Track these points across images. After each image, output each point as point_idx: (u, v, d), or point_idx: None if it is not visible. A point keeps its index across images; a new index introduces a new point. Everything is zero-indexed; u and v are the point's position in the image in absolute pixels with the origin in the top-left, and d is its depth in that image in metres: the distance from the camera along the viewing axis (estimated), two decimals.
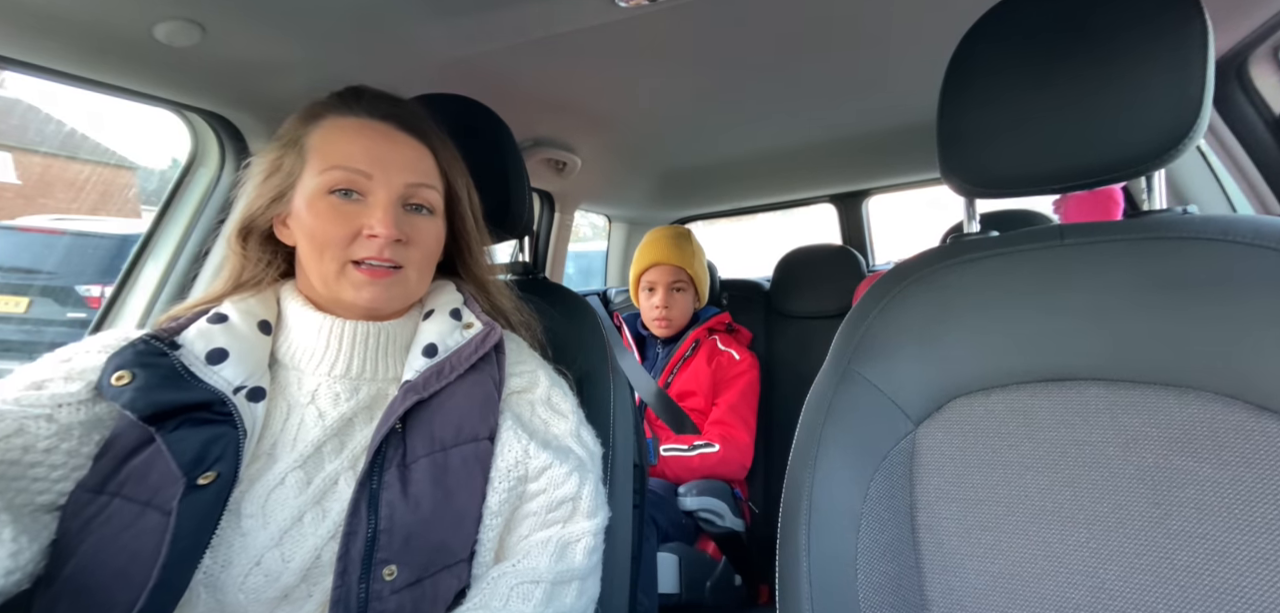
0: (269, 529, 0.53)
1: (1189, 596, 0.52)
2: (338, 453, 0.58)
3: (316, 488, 0.55)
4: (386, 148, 0.61)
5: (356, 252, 0.59)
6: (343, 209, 0.59)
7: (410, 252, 0.62)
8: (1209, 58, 0.54)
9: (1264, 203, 1.07)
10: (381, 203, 0.59)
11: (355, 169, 0.59)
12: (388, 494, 0.55)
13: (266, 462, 0.56)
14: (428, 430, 0.59)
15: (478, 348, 0.64)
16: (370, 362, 0.63)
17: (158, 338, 0.56)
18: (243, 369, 0.57)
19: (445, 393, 0.61)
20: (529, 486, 0.62)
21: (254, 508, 0.53)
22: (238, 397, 0.55)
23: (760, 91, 1.26)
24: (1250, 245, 0.53)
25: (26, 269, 2.90)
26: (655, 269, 1.59)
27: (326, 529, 0.54)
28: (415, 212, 0.63)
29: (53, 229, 3.08)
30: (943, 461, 0.62)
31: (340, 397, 0.60)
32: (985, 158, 0.63)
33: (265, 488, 0.54)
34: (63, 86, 0.81)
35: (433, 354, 0.63)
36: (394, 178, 0.60)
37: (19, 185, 3.95)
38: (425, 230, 0.63)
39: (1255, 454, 0.51)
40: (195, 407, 0.52)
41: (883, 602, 0.60)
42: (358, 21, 0.82)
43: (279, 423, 0.59)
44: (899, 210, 2.34)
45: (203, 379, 0.54)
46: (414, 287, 0.64)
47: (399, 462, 0.57)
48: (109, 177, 4.22)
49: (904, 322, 0.65)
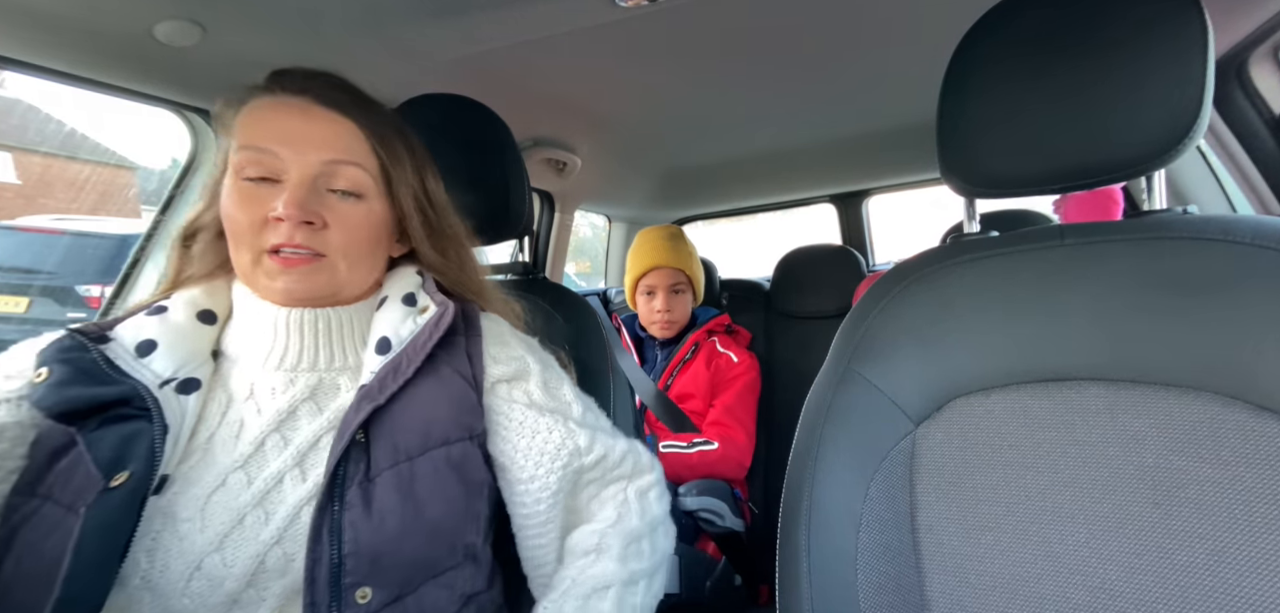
0: (207, 533, 0.49)
1: (1189, 596, 0.52)
2: (281, 449, 0.54)
3: (258, 488, 0.52)
4: (299, 124, 0.56)
5: (268, 239, 0.54)
6: (252, 194, 0.54)
7: (330, 237, 0.56)
8: (1209, 58, 0.54)
9: (1264, 203, 1.07)
10: (291, 184, 0.54)
11: (263, 148, 0.54)
12: (350, 515, 0.51)
13: (204, 460, 0.52)
14: (390, 440, 0.54)
15: (432, 333, 0.58)
16: (308, 352, 0.58)
17: (82, 332, 0.52)
18: (173, 360, 0.53)
19: (406, 394, 0.56)
20: (585, 459, 0.61)
21: (191, 511, 0.50)
22: (166, 390, 0.51)
23: (760, 91, 1.26)
24: (1250, 245, 0.53)
25: (26, 269, 2.90)
26: (654, 272, 1.59)
27: (270, 532, 0.50)
28: (341, 196, 0.57)
29: (53, 229, 3.08)
30: (943, 461, 0.62)
31: (276, 390, 0.56)
32: (985, 158, 0.63)
33: (204, 489, 0.51)
34: (63, 86, 0.81)
35: (386, 350, 0.58)
36: (308, 156, 0.55)
37: (19, 185, 3.95)
38: (349, 215, 0.57)
39: (1255, 454, 0.51)
40: (113, 403, 0.49)
41: (883, 602, 0.60)
42: (358, 22, 0.82)
43: (217, 418, 0.55)
44: (899, 210, 2.34)
45: (127, 373, 0.51)
46: (345, 276, 0.58)
47: (362, 477, 0.52)
48: (109, 177, 4.22)
49: (904, 322, 0.65)
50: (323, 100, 0.57)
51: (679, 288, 1.59)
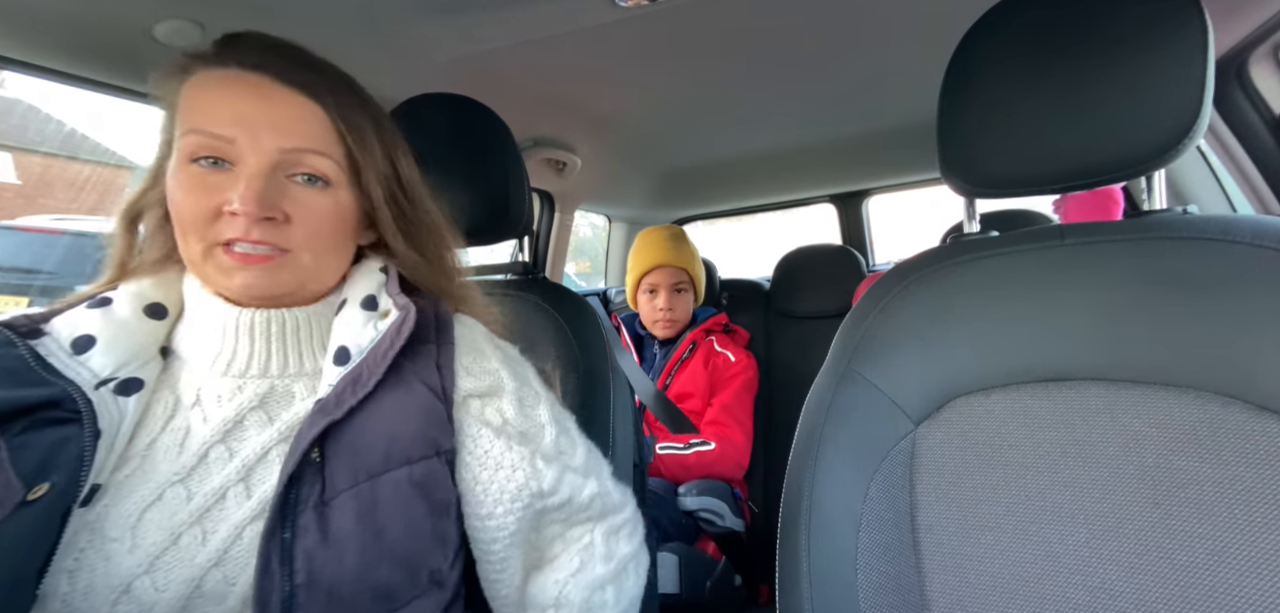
0: (138, 553, 0.44)
1: (1189, 596, 0.52)
2: (226, 462, 0.49)
3: (197, 505, 0.47)
4: (257, 105, 0.50)
5: (222, 232, 0.48)
6: (205, 180, 0.48)
7: (293, 231, 0.50)
8: (1209, 58, 0.54)
9: (1264, 203, 1.07)
10: (246, 173, 0.48)
11: (215, 133, 0.48)
12: (304, 542, 0.45)
13: (141, 469, 0.48)
14: (349, 458, 0.49)
15: (393, 341, 0.53)
16: (258, 356, 0.52)
17: (10, 326, 0.47)
18: (113, 358, 0.48)
19: (367, 408, 0.50)
20: (549, 501, 0.57)
21: (121, 528, 0.45)
22: (102, 391, 0.46)
23: (760, 91, 1.26)
24: (1250, 245, 0.53)
25: (26, 269, 2.90)
26: (657, 271, 1.59)
27: (208, 554, 0.45)
28: (305, 182, 0.51)
29: (53, 229, 3.08)
30: (943, 460, 0.62)
31: (222, 397, 0.51)
32: (985, 158, 0.63)
33: (138, 504, 0.46)
34: (63, 86, 0.81)
35: (345, 360, 0.52)
36: (265, 142, 0.49)
37: (19, 185, 3.95)
38: (313, 205, 0.51)
39: (1255, 454, 0.51)
40: (40, 406, 0.44)
41: (883, 602, 0.60)
42: (357, 21, 0.82)
43: (161, 422, 0.49)
44: (899, 210, 2.34)
45: (58, 372, 0.46)
46: (311, 271, 0.53)
47: (317, 500, 0.47)
48: (109, 177, 4.22)
49: (904, 322, 0.65)
50: (282, 77, 0.51)
51: (681, 287, 1.59)
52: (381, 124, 0.57)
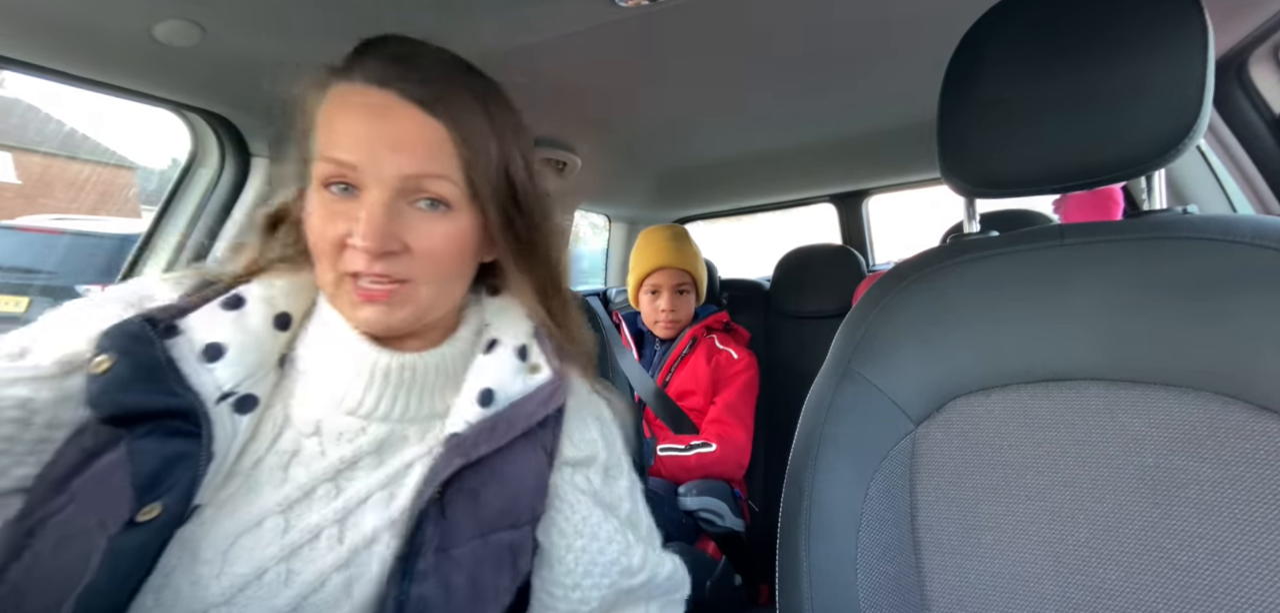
0: (223, 582, 0.43)
1: (1189, 596, 0.52)
2: (330, 500, 0.47)
3: (291, 541, 0.45)
4: (380, 128, 0.47)
5: (347, 263, 0.48)
6: (334, 208, 0.48)
7: (414, 262, 0.49)
8: (1209, 58, 0.54)
9: (1264, 203, 1.07)
10: (368, 203, 0.47)
11: (340, 159, 0.47)
12: (421, 588, 0.44)
13: (244, 489, 0.46)
14: (473, 506, 0.48)
15: (541, 406, 0.52)
16: (386, 400, 0.51)
17: (152, 321, 0.46)
18: (237, 371, 0.47)
19: (498, 458, 0.49)
20: (633, 580, 0.56)
21: (213, 552, 0.43)
22: (222, 407, 0.45)
23: (760, 91, 1.25)
24: (1251, 245, 0.53)
25: (26, 269, 2.90)
26: (659, 272, 1.59)
27: (288, 598, 0.44)
28: (427, 207, 0.49)
29: (53, 229, 3.08)
30: (943, 461, 0.62)
31: (344, 436, 0.50)
32: (985, 158, 0.63)
33: (236, 528, 0.44)
34: (63, 86, 0.81)
35: (489, 402, 0.51)
36: (386, 169, 0.47)
37: (19, 185, 3.95)
38: (434, 233, 0.49)
39: (1255, 454, 0.51)
40: (166, 414, 0.43)
41: (883, 602, 0.60)
42: (358, 22, 0.82)
43: (269, 441, 0.48)
44: (899, 210, 2.34)
45: (186, 381, 0.44)
46: (431, 302, 0.51)
47: (438, 545, 0.46)
48: (109, 177, 4.22)
49: (904, 322, 0.65)
50: (408, 94, 0.48)
51: (683, 288, 1.59)
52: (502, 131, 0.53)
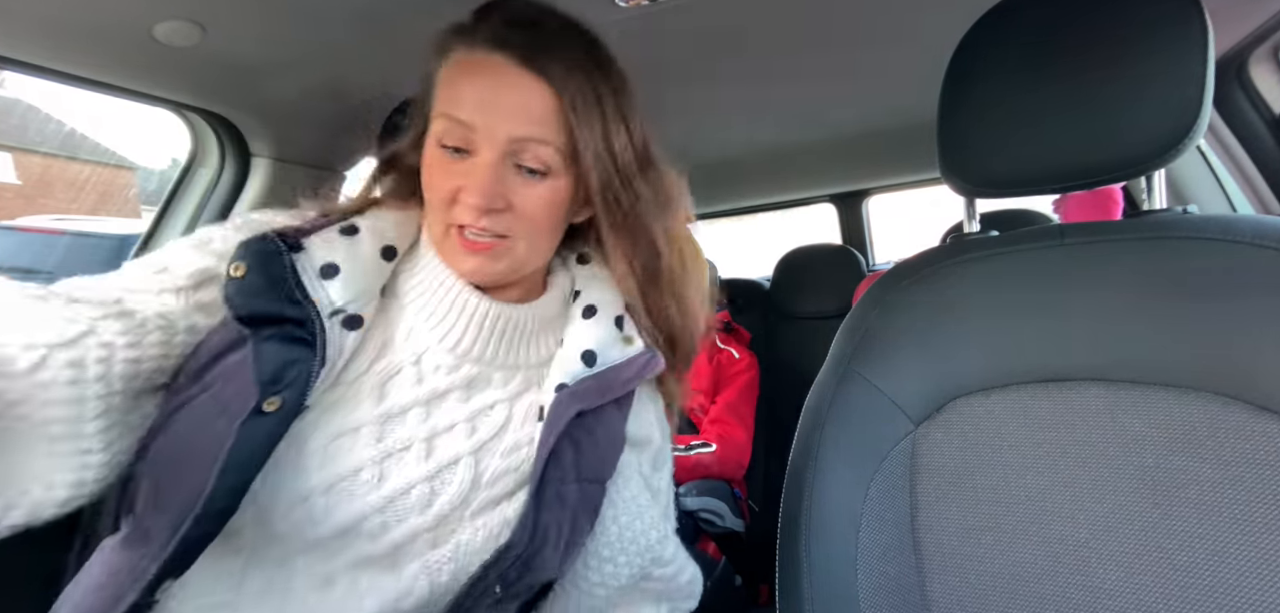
0: (325, 471, 0.48)
1: (1189, 596, 0.52)
2: (420, 422, 0.52)
3: (383, 447, 0.50)
4: (495, 91, 0.51)
5: (456, 216, 0.52)
6: (449, 166, 0.52)
7: (514, 221, 0.53)
8: (1209, 58, 0.54)
9: (1264, 203, 1.07)
10: (479, 165, 0.51)
11: (458, 119, 0.51)
12: (545, 517, 0.49)
13: (346, 397, 0.51)
14: (577, 454, 0.52)
15: (638, 372, 0.56)
16: (481, 343, 0.56)
17: (281, 236, 0.51)
18: (347, 291, 0.52)
19: (596, 415, 0.54)
20: (663, 570, 0.57)
21: (317, 446, 0.49)
22: (334, 321, 0.50)
23: (760, 91, 1.25)
24: (1251, 245, 0.53)
25: (26, 269, 2.90)
26: None
27: (377, 498, 0.49)
28: (528, 174, 0.53)
29: (53, 229, 3.08)
30: (943, 461, 0.62)
31: (441, 367, 0.54)
32: (985, 158, 0.63)
33: (336, 428, 0.50)
34: (63, 86, 0.81)
35: (592, 363, 0.55)
36: (498, 130, 0.51)
37: (19, 185, 3.95)
38: (531, 195, 0.53)
39: (1255, 454, 0.51)
40: (288, 320, 0.48)
41: (883, 602, 0.60)
42: (358, 22, 0.82)
43: (369, 359, 0.53)
44: (899, 210, 2.34)
45: (307, 292, 0.50)
46: (525, 257, 0.55)
47: (559, 479, 0.51)
48: (109, 177, 4.22)
49: (904, 322, 0.65)
50: (519, 58, 0.52)
51: None
52: (607, 99, 0.56)
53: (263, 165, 1.04)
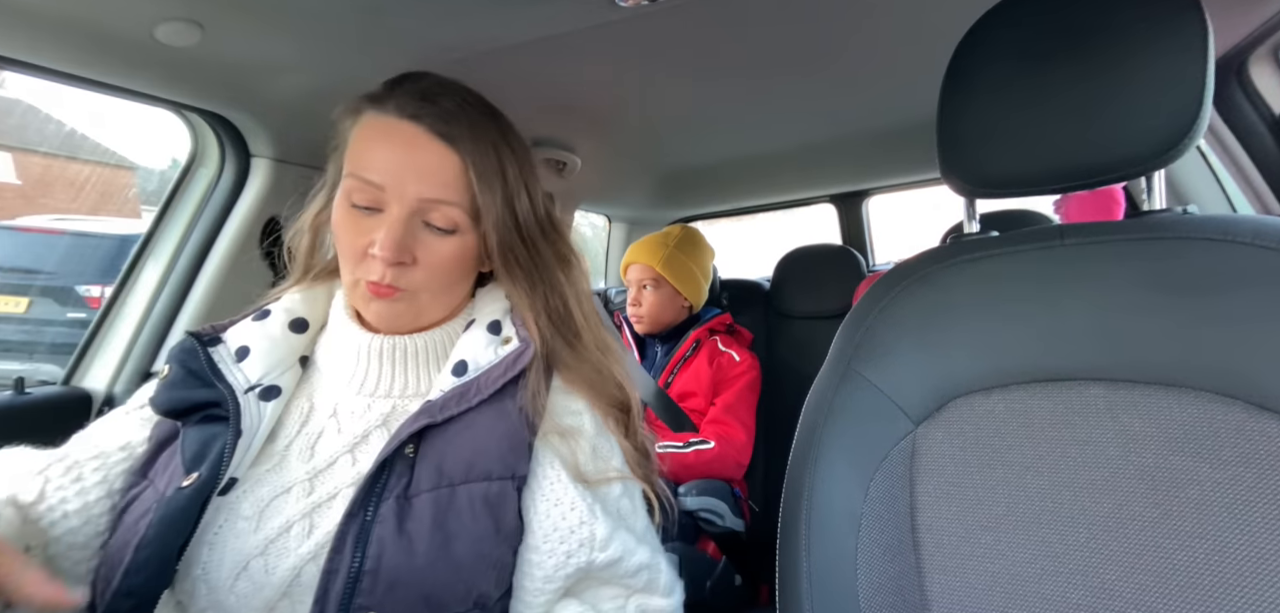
0: (259, 535, 0.51)
1: (1189, 595, 0.52)
2: (348, 468, 0.55)
3: (313, 500, 0.53)
4: (405, 156, 0.55)
5: (365, 271, 0.56)
6: (359, 223, 0.56)
7: (415, 274, 0.56)
8: (1209, 58, 0.54)
9: (1264, 203, 1.07)
10: (388, 221, 0.55)
11: (368, 180, 0.55)
12: (380, 529, 0.50)
13: (278, 466, 0.55)
14: (437, 461, 0.53)
15: (507, 368, 0.57)
16: (386, 377, 0.59)
17: (199, 336, 0.57)
18: (260, 366, 0.56)
19: (463, 420, 0.54)
20: (597, 555, 0.56)
21: (252, 511, 0.52)
22: (249, 396, 0.54)
23: (760, 91, 1.25)
24: (1250, 245, 0.53)
25: (26, 269, 2.90)
26: (632, 268, 1.64)
27: (310, 547, 0.51)
28: (435, 231, 0.57)
29: (53, 229, 3.08)
30: (943, 461, 0.62)
31: (356, 413, 0.58)
32: (985, 158, 0.63)
33: (269, 493, 0.53)
34: (63, 86, 0.81)
35: (462, 372, 0.57)
36: (407, 191, 0.55)
37: (19, 186, 3.95)
38: (437, 250, 0.57)
39: (1255, 454, 0.51)
40: (206, 404, 0.53)
41: (883, 602, 0.60)
42: (357, 22, 0.82)
43: (296, 425, 0.57)
44: (899, 210, 2.34)
45: (221, 376, 0.55)
46: (427, 306, 0.59)
47: (401, 492, 0.51)
48: (109, 177, 4.22)
49: (904, 322, 0.65)
50: (433, 128, 0.56)
51: (647, 284, 1.60)
52: (506, 169, 0.60)
53: (263, 165, 1.04)
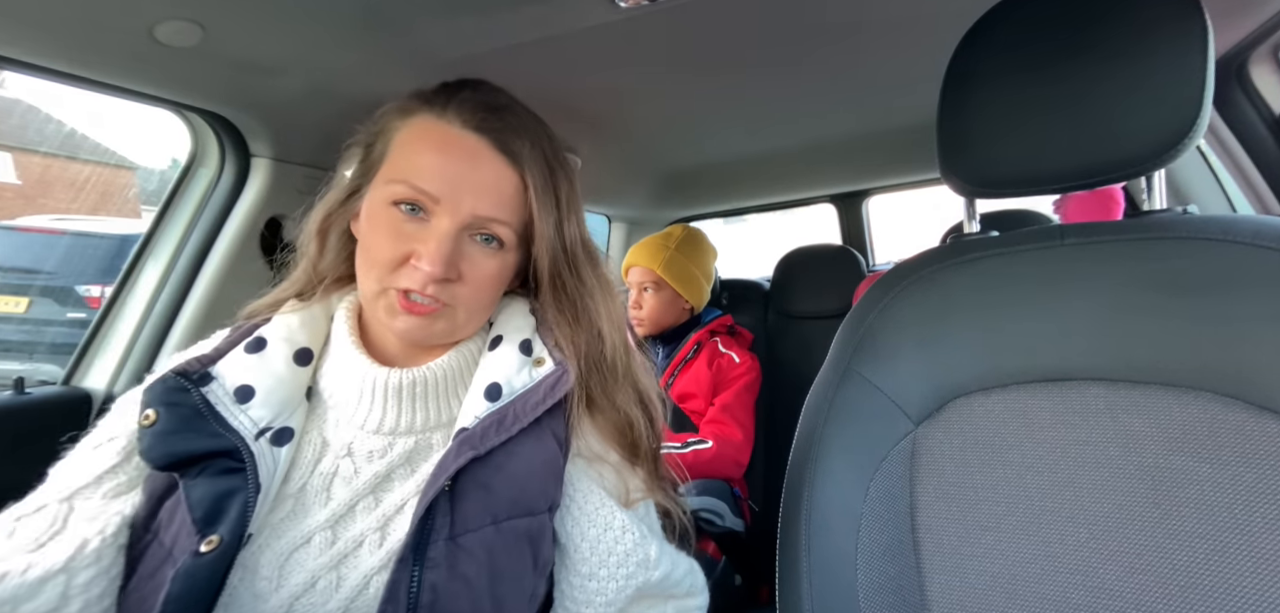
0: (282, 593, 0.47)
1: (1189, 596, 0.52)
2: (370, 512, 0.51)
3: (338, 550, 0.49)
4: (467, 169, 0.52)
5: (401, 279, 0.51)
6: (401, 227, 0.52)
7: (459, 290, 0.53)
8: (1209, 58, 0.54)
9: (1264, 203, 1.07)
10: (439, 233, 0.51)
11: (422, 188, 0.51)
12: (432, 576, 0.46)
13: (293, 513, 0.50)
14: (483, 496, 0.50)
15: (547, 395, 0.53)
16: (406, 415, 0.54)
17: (184, 373, 0.50)
18: (269, 409, 0.51)
19: (506, 449, 0.51)
20: (652, 575, 0.55)
21: (270, 567, 0.48)
22: (261, 442, 0.49)
23: (760, 92, 1.25)
24: (1250, 245, 0.53)
25: (26, 269, 2.90)
26: (634, 270, 1.64)
27: (339, 601, 0.47)
28: (482, 242, 0.54)
29: (53, 229, 3.08)
30: (943, 461, 0.62)
31: (374, 454, 0.53)
32: (985, 158, 0.63)
33: (289, 545, 0.49)
34: (63, 86, 0.81)
35: (495, 397, 0.53)
36: (464, 205, 0.52)
37: (19, 186, 3.95)
38: (483, 265, 0.54)
39: (1255, 454, 0.51)
40: (215, 454, 0.48)
41: (883, 602, 0.60)
42: (358, 22, 0.82)
43: (309, 466, 0.52)
44: (899, 210, 2.34)
45: (226, 421, 0.49)
46: (464, 325, 0.56)
47: (448, 534, 0.48)
48: (109, 177, 4.22)
49: (904, 322, 0.65)
50: (498, 144, 0.53)
51: (648, 287, 1.60)
52: (562, 188, 0.58)
53: (263, 165, 1.04)
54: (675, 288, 1.59)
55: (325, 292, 0.60)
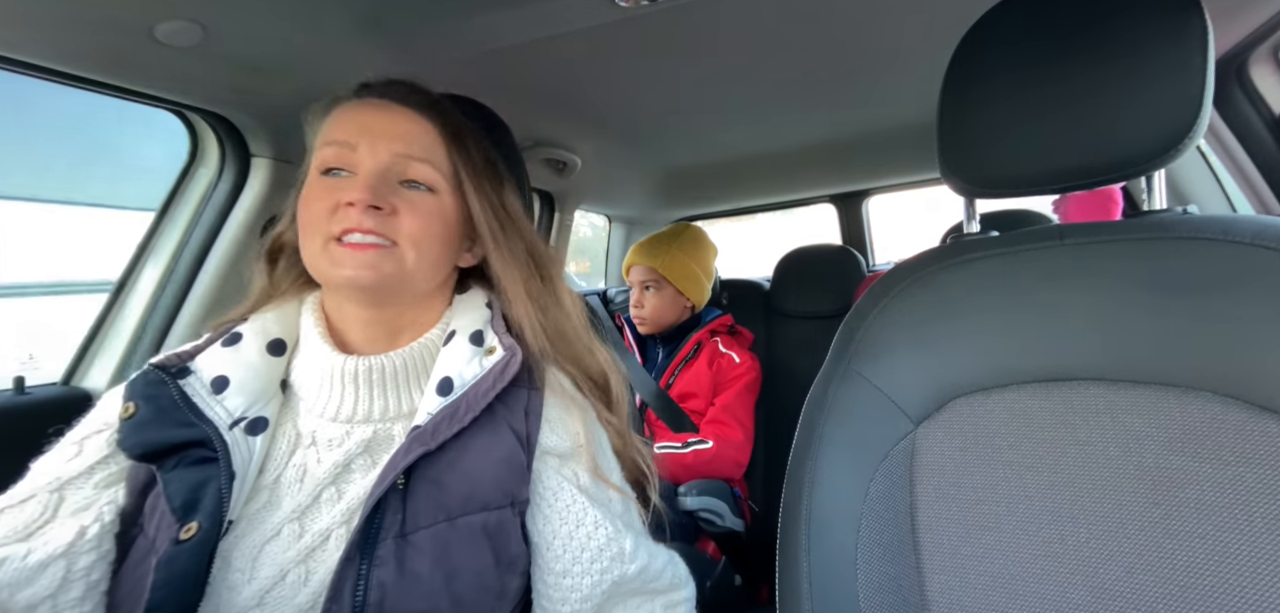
0: (254, 585, 0.48)
1: (1189, 596, 0.52)
2: (334, 503, 0.51)
3: (305, 544, 0.50)
4: (377, 118, 0.56)
5: (336, 224, 0.52)
6: (328, 185, 0.54)
7: (400, 223, 0.54)
8: (1209, 58, 0.54)
9: (1264, 203, 1.07)
10: (364, 169, 0.54)
11: (341, 141, 0.55)
12: (380, 573, 0.47)
13: (269, 503, 0.51)
14: (435, 492, 0.50)
15: (496, 381, 0.54)
16: (363, 402, 0.55)
17: (163, 366, 0.52)
18: (243, 399, 0.52)
19: (457, 444, 0.52)
20: (628, 568, 0.55)
21: (244, 560, 0.49)
22: (236, 431, 0.50)
23: (760, 91, 1.26)
24: (1250, 245, 0.53)
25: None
26: (634, 268, 1.63)
27: (307, 595, 0.48)
28: (413, 187, 0.56)
29: None
30: (943, 460, 0.62)
31: (334, 441, 0.54)
32: (985, 158, 0.63)
33: (261, 538, 0.49)
34: (63, 87, 0.81)
35: (448, 391, 0.54)
36: (380, 147, 0.54)
37: None
38: (419, 204, 0.55)
39: (1255, 454, 0.51)
40: (190, 444, 0.49)
41: (883, 602, 0.60)
42: (358, 22, 0.82)
43: (284, 456, 0.53)
44: (899, 211, 2.34)
45: (202, 412, 0.50)
46: (413, 266, 0.55)
47: (397, 531, 0.48)
48: None
49: (904, 322, 0.65)
50: (401, 100, 0.58)
51: (649, 284, 1.60)
52: (488, 152, 0.62)
53: (263, 165, 1.04)
54: (676, 286, 1.59)
55: (297, 290, 0.62)
